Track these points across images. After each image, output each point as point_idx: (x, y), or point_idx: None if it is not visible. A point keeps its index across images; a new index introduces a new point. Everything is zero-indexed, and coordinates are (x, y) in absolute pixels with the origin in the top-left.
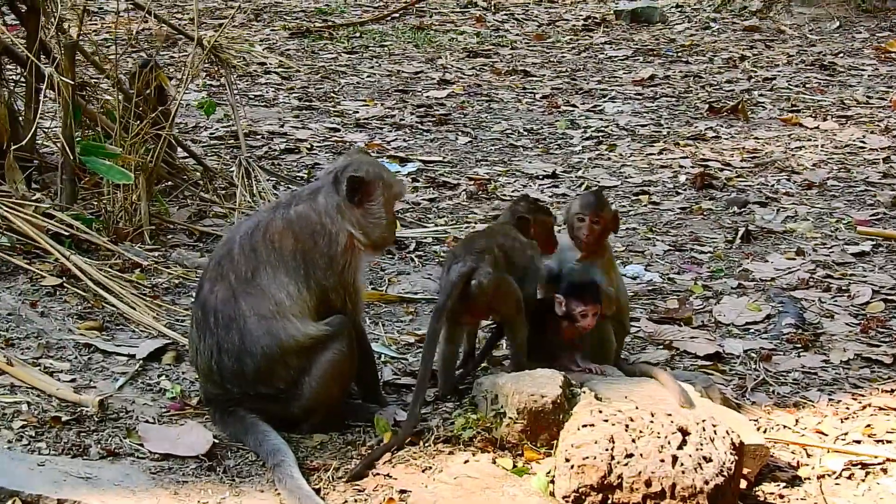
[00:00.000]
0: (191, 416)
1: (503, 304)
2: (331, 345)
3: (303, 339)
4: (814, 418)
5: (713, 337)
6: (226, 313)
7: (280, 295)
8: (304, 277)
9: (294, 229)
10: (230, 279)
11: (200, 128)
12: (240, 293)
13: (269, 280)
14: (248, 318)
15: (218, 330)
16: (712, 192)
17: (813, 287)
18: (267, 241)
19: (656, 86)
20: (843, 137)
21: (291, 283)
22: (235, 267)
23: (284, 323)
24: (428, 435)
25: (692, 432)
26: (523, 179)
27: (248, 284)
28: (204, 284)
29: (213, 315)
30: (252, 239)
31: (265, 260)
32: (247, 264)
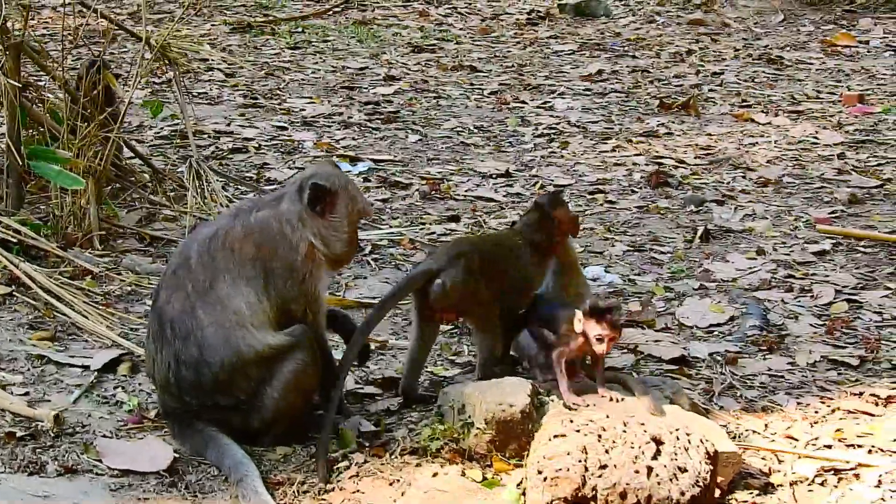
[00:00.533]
0: (149, 430)
1: (470, 310)
2: (292, 355)
3: (263, 350)
4: (783, 423)
5: (677, 340)
6: (183, 324)
7: (239, 304)
8: (264, 286)
9: (254, 237)
10: (187, 289)
11: (145, 127)
12: (197, 303)
13: (229, 289)
14: (206, 329)
15: (175, 341)
16: (668, 191)
17: (775, 287)
18: (226, 248)
19: (605, 81)
20: (796, 133)
21: (251, 293)
22: (193, 276)
23: (244, 333)
24: (394, 446)
25: (666, 441)
26: (476, 178)
27: (206, 294)
28: (160, 294)
29: (171, 326)
30: (210, 247)
31: (224, 268)
32: (205, 273)
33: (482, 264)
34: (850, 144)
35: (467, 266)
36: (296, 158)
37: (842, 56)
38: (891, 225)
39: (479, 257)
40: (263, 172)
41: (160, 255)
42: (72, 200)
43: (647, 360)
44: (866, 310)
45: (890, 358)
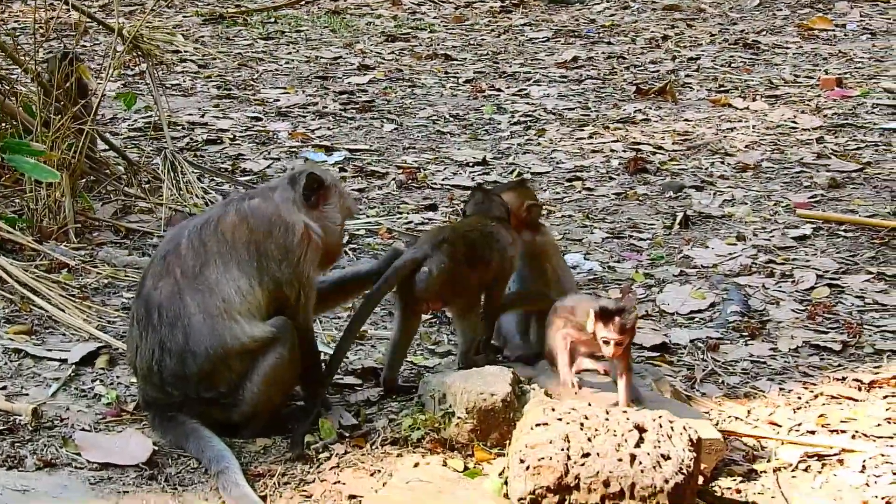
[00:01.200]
0: (128, 423)
1: (455, 297)
2: (272, 349)
3: (247, 342)
4: (766, 409)
5: (658, 327)
6: (171, 310)
7: (229, 291)
8: (258, 271)
9: (248, 221)
10: (176, 274)
11: (119, 119)
12: (186, 289)
13: (219, 275)
14: (193, 317)
15: (162, 328)
16: (646, 177)
17: (756, 273)
18: (218, 233)
19: (580, 68)
20: (774, 118)
21: (243, 278)
22: (182, 262)
23: (231, 324)
24: (375, 436)
25: (649, 429)
26: (453, 167)
27: (196, 280)
28: (146, 280)
29: (158, 312)
30: (202, 233)
31: (215, 253)
32: (195, 259)
33: (465, 251)
34: (828, 128)
35: (451, 253)
36: (271, 149)
37: (819, 40)
38: (871, 209)
39: (461, 243)
40: (238, 163)
41: (136, 247)
42: (46, 193)
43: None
44: (848, 294)
45: (872, 342)
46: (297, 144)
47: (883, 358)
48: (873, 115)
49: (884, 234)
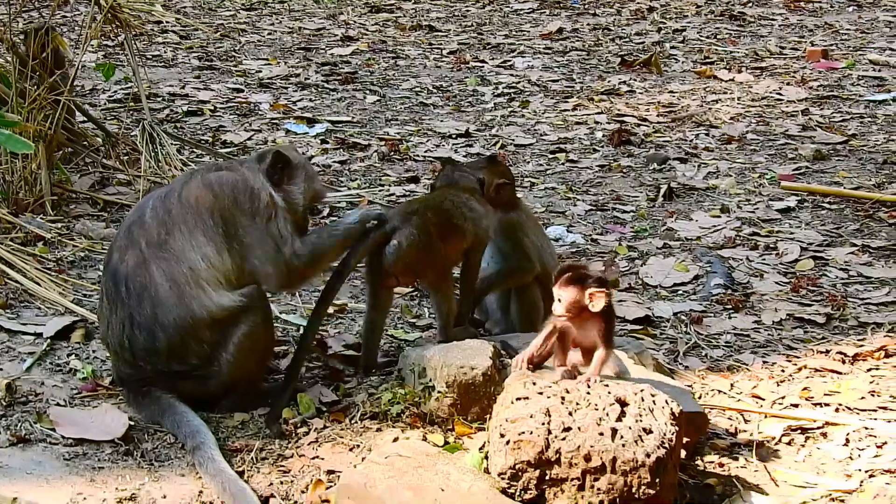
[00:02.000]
0: (104, 398)
1: (426, 269)
2: (245, 317)
3: (216, 311)
4: (749, 382)
5: (641, 300)
6: (137, 281)
7: (195, 258)
8: (225, 238)
9: (213, 188)
10: (141, 245)
11: (98, 90)
12: (151, 259)
13: (184, 241)
14: (160, 286)
15: (130, 300)
16: (630, 149)
17: (740, 245)
18: (182, 201)
19: (565, 39)
20: (760, 90)
21: (209, 245)
22: (147, 232)
23: (198, 291)
24: (354, 411)
25: (630, 403)
26: (436, 139)
27: (161, 248)
28: (113, 254)
29: (125, 284)
30: (166, 202)
31: (181, 220)
32: (159, 227)
33: (437, 222)
34: (814, 100)
35: (421, 224)
36: (252, 120)
37: (805, 11)
38: (856, 181)
39: (432, 214)
40: (219, 135)
41: (114, 219)
42: (22, 165)
43: None
44: (832, 267)
45: (856, 315)
46: (278, 116)
47: (867, 331)
48: (859, 86)
49: (868, 207)
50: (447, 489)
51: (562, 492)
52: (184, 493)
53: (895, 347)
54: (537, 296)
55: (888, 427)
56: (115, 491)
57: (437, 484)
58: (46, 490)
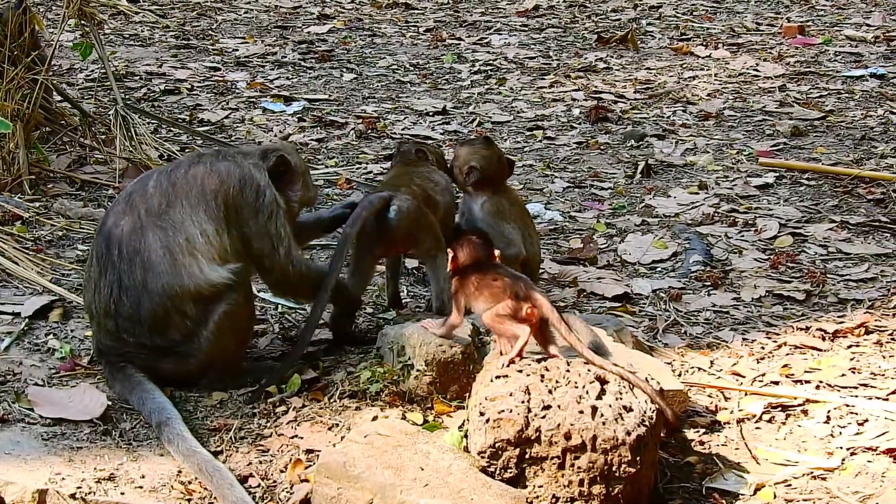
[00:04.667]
0: (82, 377)
1: (425, 235)
2: (227, 295)
3: (204, 286)
4: (729, 359)
5: (620, 277)
6: (131, 246)
7: (194, 231)
8: (225, 222)
9: (221, 175)
10: (140, 212)
11: (76, 70)
12: (149, 226)
13: (185, 214)
14: (153, 251)
15: (121, 264)
16: (608, 126)
17: (718, 222)
18: (188, 178)
19: (541, 16)
20: (736, 66)
21: (209, 222)
22: (148, 200)
23: (190, 261)
24: (332, 390)
25: (610, 381)
26: (413, 116)
27: (160, 217)
28: (108, 218)
29: (118, 248)
30: (171, 176)
31: (184, 194)
32: (161, 197)
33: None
34: (790, 76)
35: (411, 193)
36: (229, 99)
37: None
38: (834, 157)
39: (416, 188)
40: (196, 114)
41: (91, 198)
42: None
43: (590, 297)
44: (811, 243)
45: (836, 291)
46: (255, 94)
47: (847, 307)
48: (836, 62)
49: (847, 183)
50: (427, 468)
51: (542, 470)
52: (163, 473)
53: (875, 324)
54: None
55: (869, 404)
56: (94, 471)
57: (416, 463)
58: (25, 470)
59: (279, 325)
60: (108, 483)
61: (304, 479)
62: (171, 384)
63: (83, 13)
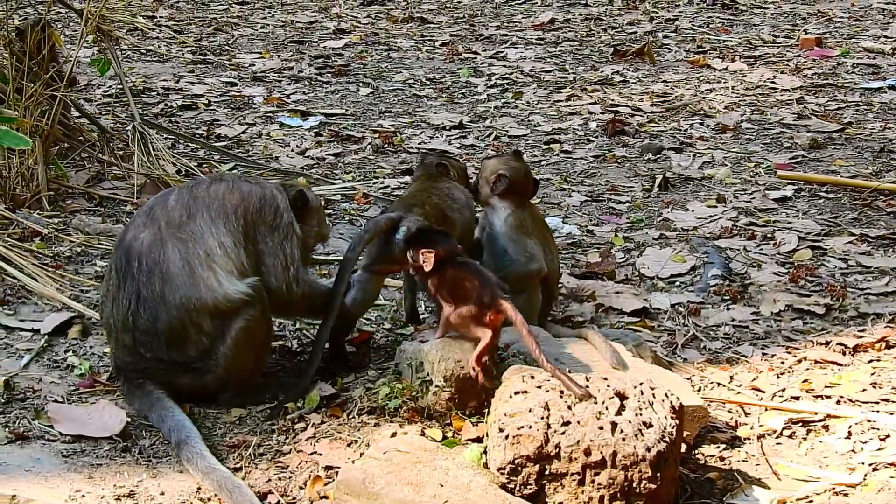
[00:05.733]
0: (101, 394)
1: None
2: (244, 310)
3: (221, 300)
4: (749, 374)
5: (638, 291)
6: (151, 258)
7: (213, 244)
8: (244, 237)
9: (242, 192)
10: (160, 224)
11: (93, 86)
12: (168, 237)
13: (205, 226)
14: (172, 263)
15: (140, 276)
16: (625, 139)
17: (737, 235)
18: (210, 193)
19: (557, 30)
20: (754, 78)
21: (228, 236)
22: (169, 213)
23: (208, 273)
24: (351, 406)
25: (630, 396)
26: (429, 131)
27: (180, 229)
28: (128, 231)
29: (138, 260)
30: (193, 190)
31: (204, 207)
32: (182, 210)
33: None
34: (808, 88)
35: (424, 214)
36: (246, 114)
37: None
38: (853, 169)
39: (429, 207)
40: (213, 129)
41: (110, 214)
42: (19, 161)
43: (608, 312)
44: (831, 256)
45: (856, 305)
46: (272, 109)
47: (867, 321)
48: (853, 74)
49: (866, 195)
50: (446, 484)
51: (562, 487)
52: (182, 490)
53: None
54: (538, 296)
55: (891, 419)
56: (114, 488)
57: (435, 479)
58: (45, 487)
59: (297, 342)
60: (127, 500)
61: (324, 496)
62: (189, 400)
63: (100, 30)
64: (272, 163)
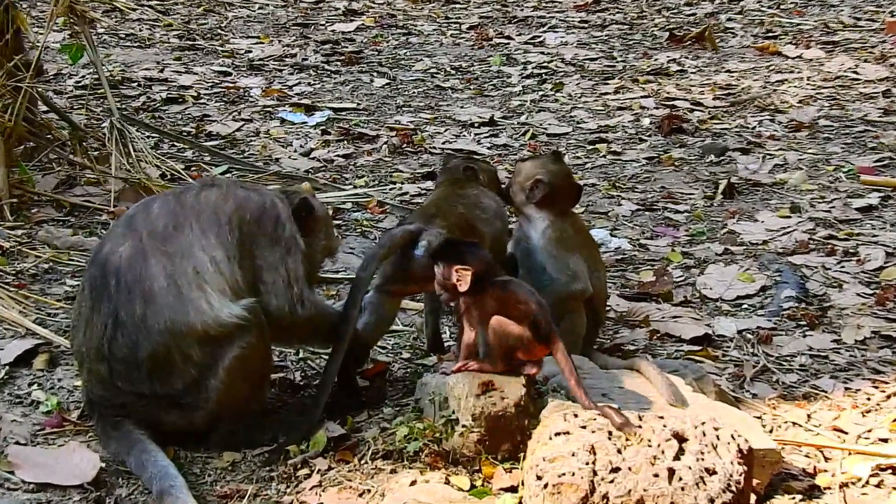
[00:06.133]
0: (71, 435)
1: None
2: (238, 336)
3: (212, 325)
4: (829, 413)
5: (700, 315)
6: (131, 274)
7: (203, 259)
8: (238, 249)
9: (238, 199)
10: (142, 235)
11: (64, 76)
12: (151, 250)
13: (194, 238)
14: (155, 282)
15: (118, 295)
16: (683, 138)
17: (814, 251)
18: (201, 198)
19: (604, 10)
20: (832, 68)
21: (220, 249)
22: (152, 221)
23: (197, 295)
24: (364, 449)
25: (690, 438)
26: (455, 128)
27: (165, 242)
28: (105, 243)
29: (116, 277)
30: (181, 197)
31: (194, 216)
32: (168, 219)
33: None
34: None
35: (447, 226)
36: (241, 109)
37: None
38: None
39: (454, 218)
40: (203, 126)
41: (82, 225)
42: None
43: (665, 339)
44: None
45: None
46: (272, 103)
47: None
48: None
49: None
50: None
51: None
52: None
53: None
54: (581, 319)
55: None
56: None
57: None
58: None
59: (300, 373)
60: None
61: None
62: (174, 442)
63: (73, 10)
64: (272, 165)
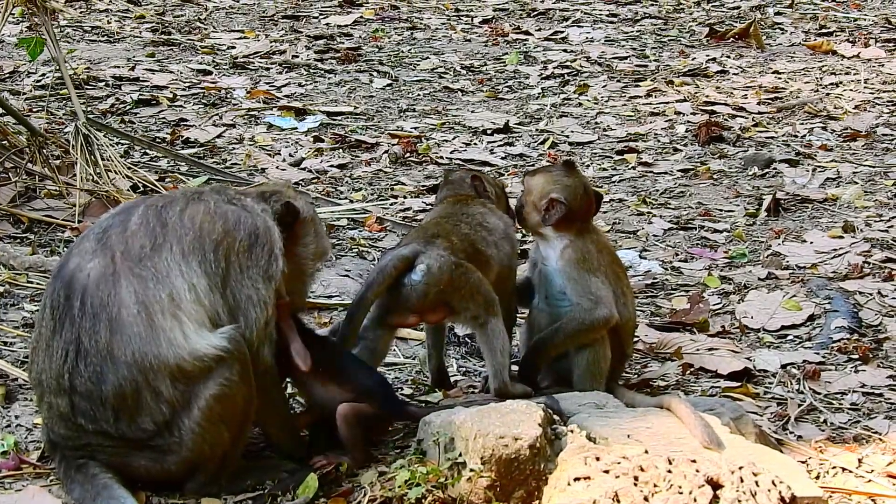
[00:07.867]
0: (30, 478)
1: (467, 299)
2: (217, 371)
3: (187, 358)
4: (883, 457)
5: (739, 348)
6: (98, 297)
7: (181, 286)
8: (222, 280)
9: (228, 223)
10: (114, 253)
11: (21, 73)
12: (123, 272)
13: (173, 262)
14: (124, 308)
15: (82, 319)
16: (723, 148)
17: (869, 275)
18: (185, 219)
19: (635, 2)
20: (893, 69)
21: (202, 277)
22: (128, 238)
23: (172, 324)
24: (360, 495)
25: (726, 484)
26: (465, 135)
27: (140, 263)
28: (71, 259)
29: (81, 298)
30: (163, 213)
31: (175, 238)
32: (146, 237)
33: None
34: None
35: (449, 246)
36: (223, 112)
37: None
38: None
39: (457, 239)
40: (180, 132)
41: (42, 243)
42: None
43: (699, 374)
44: None
45: None
46: (257, 106)
47: None
48: None
49: None
50: None
51: None
52: None
53: None
54: (606, 351)
55: None
56: None
57: None
58: None
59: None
60: None
61: None
62: (146, 487)
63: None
64: (257, 176)
